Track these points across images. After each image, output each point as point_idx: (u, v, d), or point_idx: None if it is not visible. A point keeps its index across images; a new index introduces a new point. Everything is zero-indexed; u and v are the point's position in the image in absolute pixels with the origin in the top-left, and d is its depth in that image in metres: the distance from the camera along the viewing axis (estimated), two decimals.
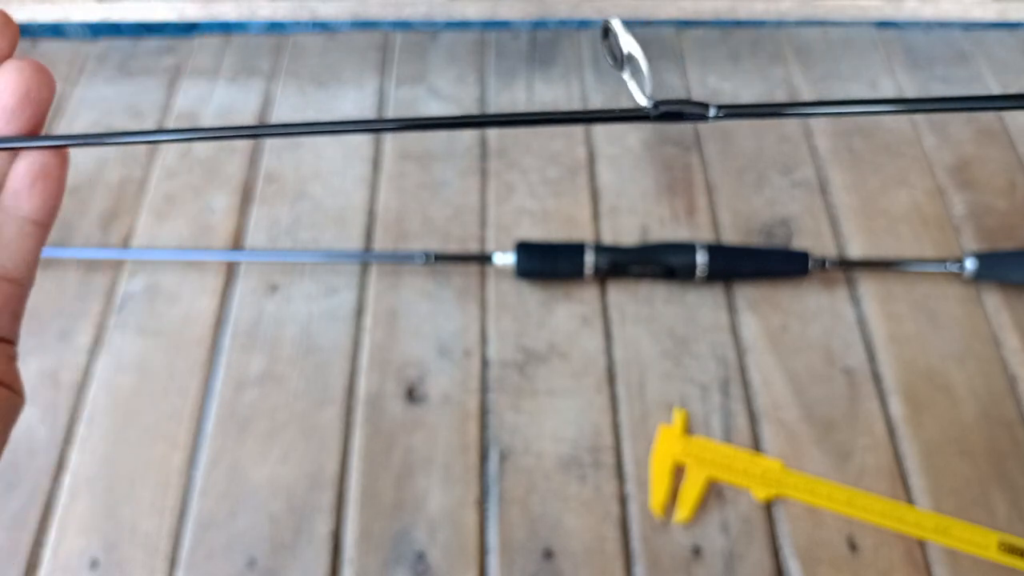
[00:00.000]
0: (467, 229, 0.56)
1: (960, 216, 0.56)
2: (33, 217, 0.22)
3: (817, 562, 0.43)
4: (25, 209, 0.22)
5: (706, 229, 0.56)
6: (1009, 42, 0.68)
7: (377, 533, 0.44)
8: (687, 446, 0.46)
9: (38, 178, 0.22)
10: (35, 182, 0.22)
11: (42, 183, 0.22)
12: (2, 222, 0.22)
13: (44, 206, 0.22)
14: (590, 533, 0.44)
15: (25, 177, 0.22)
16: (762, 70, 0.66)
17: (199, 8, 0.63)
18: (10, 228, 0.22)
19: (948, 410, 0.48)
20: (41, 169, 0.22)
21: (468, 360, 0.50)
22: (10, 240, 0.22)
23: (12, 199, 0.22)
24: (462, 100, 0.64)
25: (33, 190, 0.22)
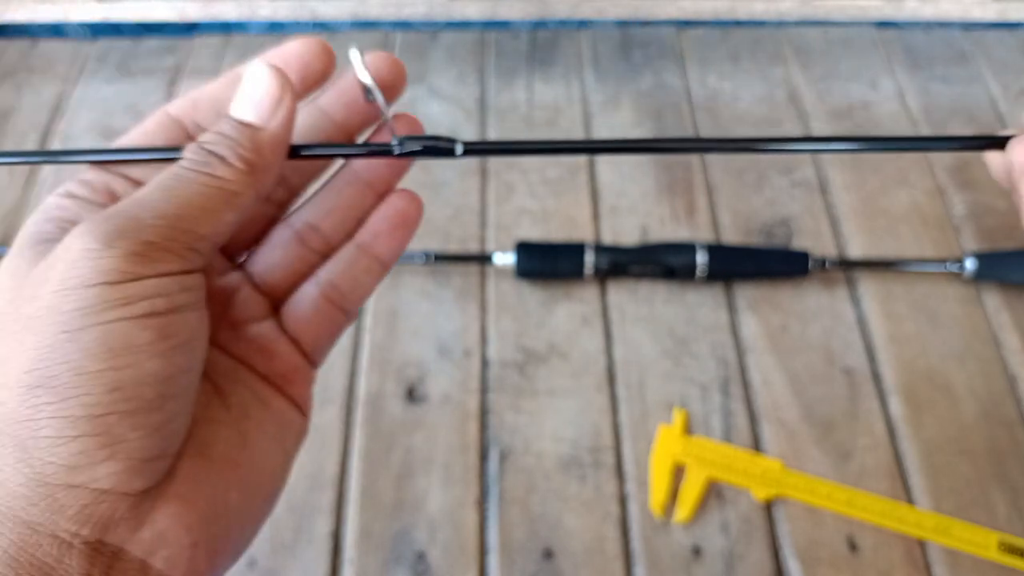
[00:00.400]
0: (467, 229, 0.56)
1: (960, 216, 0.56)
2: (383, 258, 0.23)
3: (817, 562, 0.43)
4: (378, 250, 0.23)
5: (706, 229, 0.56)
6: (1009, 42, 0.68)
7: (377, 533, 0.44)
8: (687, 446, 0.46)
9: (399, 226, 0.23)
10: (396, 229, 0.23)
11: (401, 231, 0.23)
12: (356, 256, 0.23)
13: (394, 250, 0.23)
14: (590, 533, 0.44)
15: (388, 221, 0.23)
16: (762, 70, 0.66)
17: (199, 8, 0.63)
18: (362, 263, 0.23)
19: (948, 410, 0.48)
20: (403, 218, 0.23)
21: (468, 360, 0.50)
22: (359, 273, 0.23)
23: (370, 238, 0.23)
24: (462, 100, 0.64)
25: (392, 235, 0.23)
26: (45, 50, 0.68)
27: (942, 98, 0.64)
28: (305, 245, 0.23)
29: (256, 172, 0.20)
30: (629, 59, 0.67)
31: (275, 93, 0.20)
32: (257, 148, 0.20)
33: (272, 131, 0.20)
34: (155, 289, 0.18)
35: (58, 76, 0.66)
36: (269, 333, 0.22)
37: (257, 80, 0.20)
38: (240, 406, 0.21)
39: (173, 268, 0.18)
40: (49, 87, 0.65)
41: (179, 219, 0.18)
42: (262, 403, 0.21)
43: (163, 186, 0.19)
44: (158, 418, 0.18)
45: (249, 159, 0.19)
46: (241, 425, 0.21)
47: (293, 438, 0.22)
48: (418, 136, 0.23)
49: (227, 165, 0.19)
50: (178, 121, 0.22)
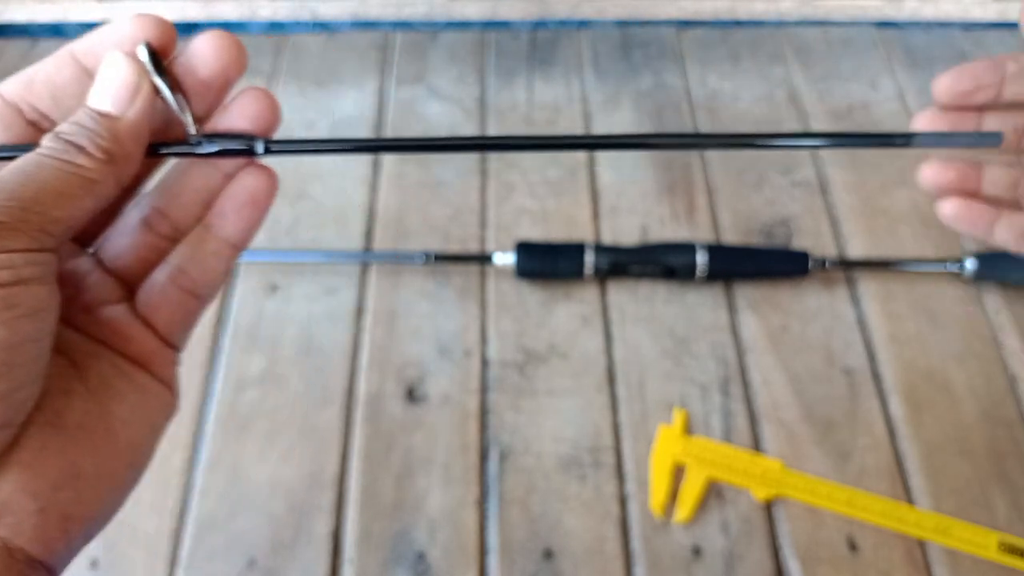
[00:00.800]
0: (467, 229, 0.56)
1: None
2: (232, 240, 0.23)
3: (817, 562, 0.43)
4: (227, 231, 0.23)
5: (706, 229, 0.56)
6: (1009, 42, 0.68)
7: (377, 533, 0.44)
8: (687, 446, 0.46)
9: (246, 205, 0.23)
10: (243, 208, 0.23)
11: (249, 210, 0.23)
12: (204, 239, 0.23)
13: (245, 231, 0.23)
14: (590, 533, 0.44)
15: (235, 200, 0.23)
16: (762, 70, 0.66)
17: (199, 8, 0.63)
18: (209, 246, 0.23)
19: (948, 410, 0.48)
20: (251, 196, 0.23)
21: (468, 360, 0.50)
22: (206, 257, 0.23)
23: (218, 219, 0.23)
24: (462, 100, 0.64)
25: (240, 215, 0.23)
26: (45, 50, 0.68)
27: None
28: (153, 231, 0.23)
29: (115, 161, 0.20)
30: (629, 59, 0.67)
31: (132, 83, 0.20)
32: (115, 137, 0.20)
33: (130, 120, 0.20)
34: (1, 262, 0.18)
35: None
36: (122, 317, 0.22)
37: (114, 70, 0.20)
38: (100, 379, 0.21)
39: (20, 246, 0.18)
40: None
41: (34, 202, 0.18)
42: (126, 377, 0.22)
43: (19, 170, 0.19)
44: (3, 386, 0.18)
45: (108, 148, 0.20)
46: (100, 396, 0.21)
47: (160, 413, 0.22)
48: (218, 134, 0.22)
49: (86, 154, 0.19)
50: (13, 105, 0.22)
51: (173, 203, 0.23)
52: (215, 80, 0.22)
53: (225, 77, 0.22)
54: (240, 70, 0.23)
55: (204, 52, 0.22)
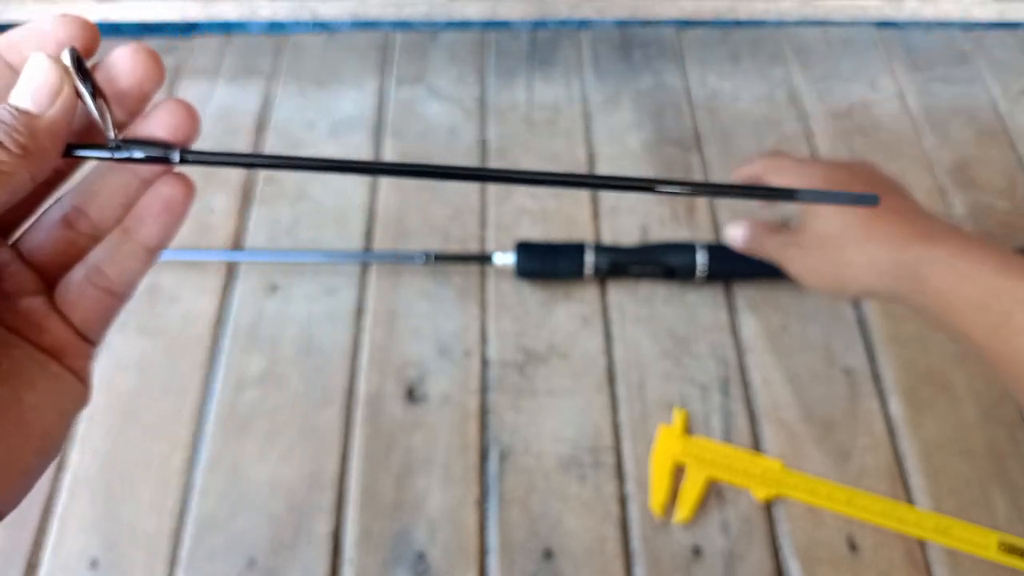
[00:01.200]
0: (467, 229, 0.56)
1: (960, 216, 0.56)
2: (148, 244, 0.24)
3: (817, 562, 0.43)
4: (143, 235, 0.23)
5: (706, 229, 0.56)
6: (1009, 42, 0.68)
7: (377, 533, 0.44)
8: (687, 446, 0.46)
9: (163, 211, 0.23)
10: (160, 213, 0.23)
11: (165, 216, 0.23)
12: (121, 241, 0.23)
13: (161, 236, 0.24)
14: (590, 533, 0.44)
15: (152, 206, 0.23)
16: (762, 70, 0.66)
17: (199, 8, 0.63)
18: (126, 248, 0.23)
19: (948, 410, 0.48)
20: (167, 203, 0.23)
21: (468, 360, 0.50)
22: (123, 258, 0.23)
23: (135, 223, 0.23)
24: (462, 100, 0.64)
25: (156, 220, 0.23)
26: None
27: (942, 98, 0.64)
28: (72, 228, 0.24)
29: (30, 156, 0.20)
30: (629, 59, 0.67)
31: (54, 83, 0.21)
32: (32, 134, 0.20)
33: (49, 119, 0.21)
34: None
35: None
36: (39, 308, 0.23)
37: (37, 70, 0.21)
38: (12, 365, 0.21)
39: None
40: None
41: None
42: (38, 365, 0.22)
43: None
44: None
45: (23, 143, 0.20)
46: (11, 382, 0.21)
47: (71, 402, 0.23)
48: (136, 140, 0.23)
49: (2, 148, 0.20)
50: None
51: (92, 203, 0.24)
52: (133, 91, 0.23)
53: (142, 89, 0.23)
54: (158, 83, 0.23)
55: (124, 64, 0.23)
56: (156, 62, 0.23)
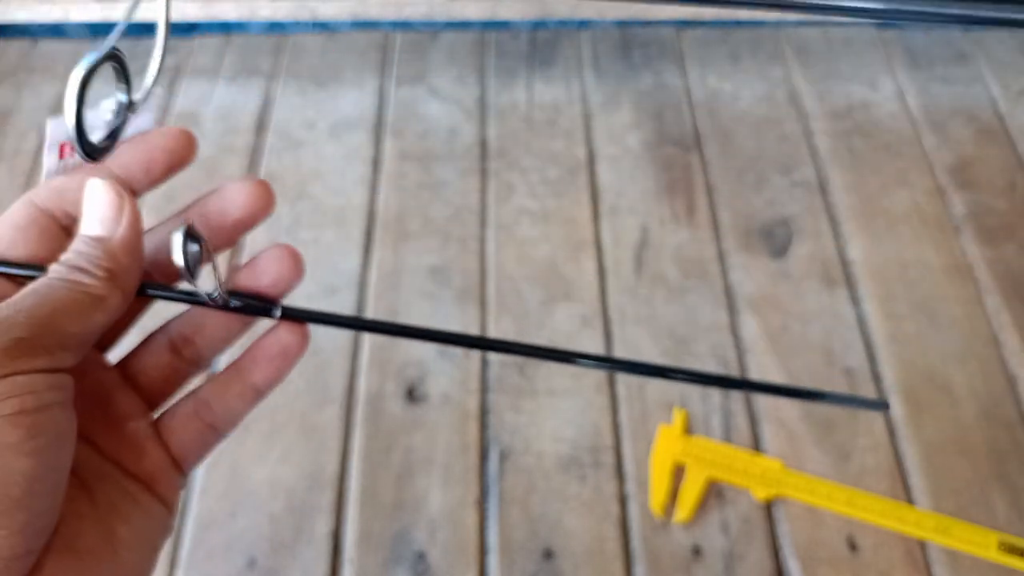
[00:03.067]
0: (467, 229, 0.56)
1: (960, 216, 0.56)
2: (258, 386, 0.24)
3: (817, 562, 0.43)
4: (255, 378, 0.24)
5: (706, 229, 0.56)
6: (1009, 42, 0.68)
7: (377, 533, 0.44)
8: (687, 446, 0.46)
9: (278, 356, 0.24)
10: (275, 358, 0.24)
11: (279, 362, 0.24)
12: (232, 380, 0.24)
13: (270, 380, 0.24)
14: (590, 533, 0.44)
15: (269, 349, 0.24)
16: (762, 70, 0.66)
17: (199, 8, 0.63)
18: (235, 387, 0.24)
19: (948, 410, 0.48)
20: (284, 349, 0.24)
21: (468, 360, 0.50)
22: (231, 398, 0.24)
23: (249, 364, 0.24)
24: (462, 100, 0.64)
25: (270, 364, 0.24)
26: (45, 50, 0.68)
27: (942, 98, 0.64)
28: (178, 355, 0.25)
29: (116, 276, 0.21)
30: (629, 59, 0.67)
31: (115, 204, 0.22)
32: (111, 256, 0.21)
33: (120, 238, 0.22)
34: (25, 386, 0.18)
35: (58, 76, 0.66)
36: (142, 432, 0.23)
37: (97, 197, 0.22)
38: (107, 502, 0.22)
39: (43, 365, 0.19)
40: (49, 87, 0.65)
41: (50, 319, 0.20)
42: (131, 499, 0.22)
43: (35, 292, 0.20)
44: (24, 517, 0.18)
45: (107, 267, 0.21)
46: (107, 520, 0.21)
47: (159, 533, 0.23)
48: (242, 293, 0.24)
49: (90, 275, 0.21)
50: (47, 211, 0.23)
51: (199, 333, 0.25)
52: (242, 223, 0.24)
53: (253, 220, 0.25)
54: (268, 213, 0.25)
55: (237, 196, 0.24)
56: (268, 194, 0.24)
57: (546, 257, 0.54)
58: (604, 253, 0.55)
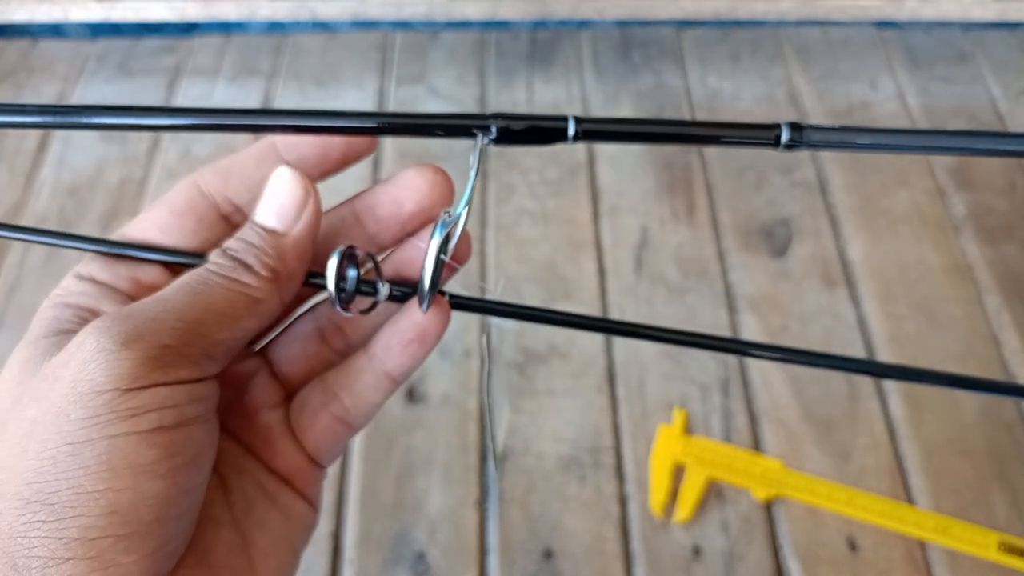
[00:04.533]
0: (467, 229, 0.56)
1: (960, 216, 0.56)
2: (393, 374, 0.22)
3: (817, 562, 0.43)
4: (389, 365, 0.22)
5: (706, 229, 0.56)
6: (1009, 42, 0.68)
7: (377, 533, 0.44)
8: (687, 446, 0.46)
9: (414, 341, 0.22)
10: (410, 344, 0.22)
11: (416, 347, 0.22)
12: (364, 369, 0.22)
13: (406, 367, 0.22)
14: (590, 533, 0.44)
15: (403, 335, 0.22)
16: (762, 70, 0.66)
17: (199, 8, 0.63)
18: (369, 377, 0.22)
19: (948, 410, 0.48)
20: (420, 334, 0.22)
21: (468, 360, 0.50)
22: (364, 388, 0.22)
23: (382, 351, 0.22)
24: (462, 100, 0.64)
25: (405, 350, 0.22)
26: (45, 50, 0.68)
27: (942, 98, 0.64)
28: (327, 343, 0.23)
29: (280, 280, 0.19)
30: (629, 59, 0.67)
31: (299, 198, 0.20)
32: (281, 256, 0.19)
33: (295, 237, 0.20)
34: (166, 399, 0.17)
35: (58, 76, 0.66)
36: (277, 426, 0.22)
37: (281, 185, 0.20)
38: (244, 502, 0.20)
39: (186, 375, 0.17)
40: (49, 87, 0.65)
41: (200, 323, 0.18)
42: (268, 497, 0.21)
43: (187, 288, 0.18)
44: (155, 542, 0.17)
45: (273, 267, 0.19)
46: (243, 525, 0.20)
47: (301, 532, 0.22)
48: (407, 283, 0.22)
49: (252, 273, 0.19)
50: (209, 197, 0.21)
51: (350, 321, 0.23)
52: (417, 217, 0.22)
53: (431, 214, 0.22)
54: (448, 203, 0.22)
55: (414, 183, 0.22)
56: (447, 183, 0.22)
57: (546, 257, 0.54)
58: (604, 253, 0.55)
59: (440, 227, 0.20)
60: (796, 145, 0.20)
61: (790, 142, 0.20)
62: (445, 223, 0.20)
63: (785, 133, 0.19)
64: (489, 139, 0.20)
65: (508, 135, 0.20)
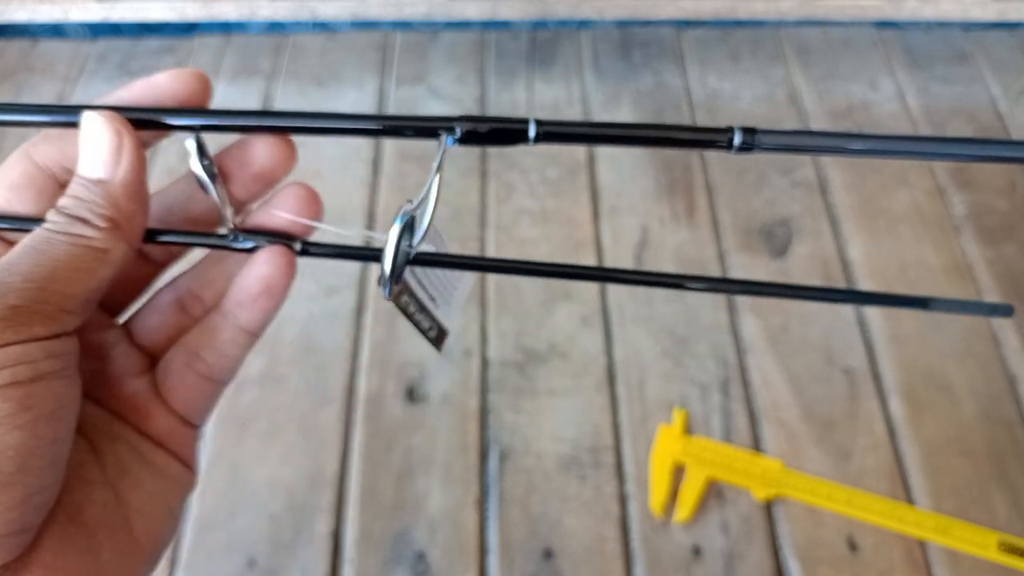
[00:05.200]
0: (467, 229, 0.56)
1: (960, 216, 0.56)
2: (248, 328, 0.23)
3: (817, 562, 0.43)
4: (243, 319, 0.22)
5: (706, 229, 0.56)
6: (1009, 42, 0.68)
7: (377, 533, 0.44)
8: (687, 446, 0.46)
9: (262, 294, 0.22)
10: (259, 297, 0.22)
11: (264, 299, 0.22)
12: (220, 327, 0.22)
13: (259, 320, 0.23)
14: (590, 533, 0.44)
15: (251, 289, 0.22)
16: (762, 70, 0.66)
17: (199, 8, 0.63)
18: (225, 334, 0.22)
19: (948, 410, 0.48)
20: (266, 287, 0.22)
21: (468, 360, 0.50)
22: (222, 344, 0.22)
23: (235, 308, 0.22)
24: (462, 100, 0.64)
25: (255, 304, 0.22)
26: (45, 50, 0.68)
27: (942, 98, 0.64)
28: (186, 312, 0.23)
29: (120, 225, 0.20)
30: (629, 59, 0.67)
31: (114, 142, 0.20)
32: (113, 203, 0.20)
33: (121, 180, 0.20)
34: (19, 356, 0.17)
35: (58, 76, 0.66)
36: (143, 392, 0.22)
37: (93, 135, 0.20)
38: (116, 464, 0.20)
39: (41, 332, 0.18)
40: (49, 87, 0.65)
41: (50, 280, 0.18)
42: (141, 459, 0.21)
43: (30, 250, 0.19)
44: (18, 493, 0.17)
45: (109, 216, 0.19)
46: (117, 485, 0.20)
47: (177, 492, 0.22)
48: (255, 230, 0.22)
49: (90, 226, 0.19)
50: (46, 169, 0.21)
51: (208, 287, 0.23)
52: (264, 176, 0.23)
53: (273, 175, 0.23)
54: (289, 171, 0.23)
55: (259, 149, 0.22)
56: (291, 150, 0.23)
57: (546, 257, 0.54)
58: (604, 253, 0.55)
59: (400, 217, 0.21)
60: (749, 148, 0.21)
61: (743, 144, 0.21)
62: (405, 212, 0.21)
63: (738, 137, 0.20)
64: (454, 139, 0.22)
65: (473, 136, 0.21)
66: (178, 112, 0.21)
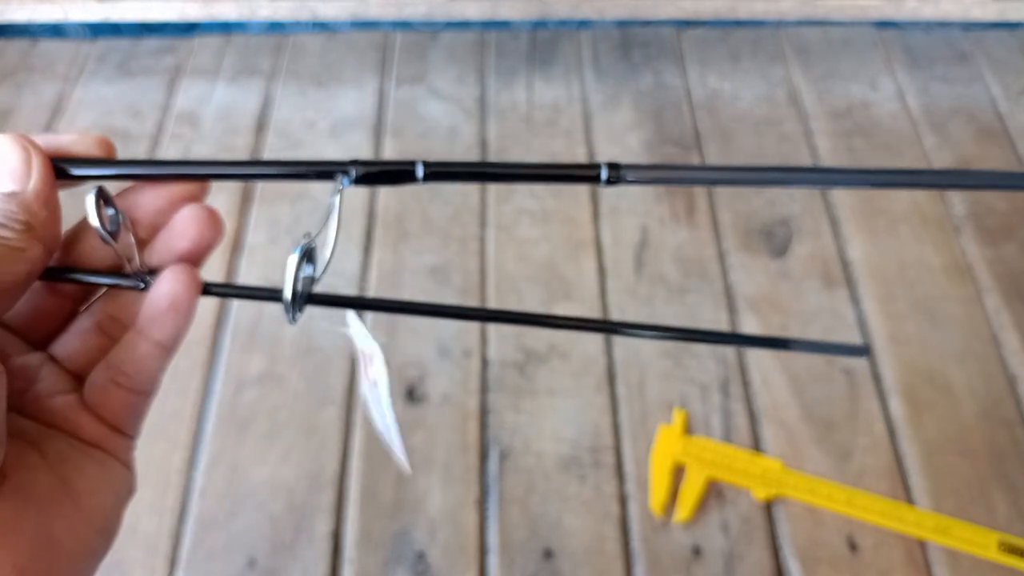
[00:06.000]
0: (467, 229, 0.56)
1: (960, 216, 0.56)
2: (163, 343, 0.24)
3: (817, 562, 0.43)
4: (157, 335, 0.24)
5: (706, 229, 0.56)
6: (1009, 42, 0.68)
7: (377, 533, 0.44)
8: (687, 446, 0.46)
9: (170, 310, 0.24)
10: (167, 312, 0.24)
11: (172, 315, 0.24)
12: (137, 343, 0.24)
13: (171, 334, 0.24)
14: (590, 533, 0.44)
15: (158, 305, 0.24)
16: (762, 70, 0.66)
17: (199, 8, 0.63)
18: (142, 348, 0.24)
19: (948, 410, 0.48)
20: (173, 303, 0.24)
21: (468, 360, 0.50)
22: (140, 358, 0.24)
23: (147, 324, 0.24)
24: (462, 100, 0.64)
25: (164, 320, 0.24)
26: (45, 50, 0.68)
27: (942, 98, 0.64)
28: (106, 334, 0.25)
29: (34, 228, 0.22)
30: (629, 59, 0.67)
31: (23, 158, 0.22)
32: (27, 208, 0.22)
33: (33, 189, 0.22)
34: None
35: (58, 76, 0.66)
36: (72, 406, 0.23)
37: (2, 153, 0.22)
38: (57, 454, 0.22)
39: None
40: (49, 87, 0.65)
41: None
42: (82, 452, 0.23)
43: None
44: None
45: (23, 219, 0.22)
46: (59, 469, 0.22)
47: (122, 486, 0.24)
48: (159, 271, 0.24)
49: (6, 228, 0.21)
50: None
51: (124, 311, 0.25)
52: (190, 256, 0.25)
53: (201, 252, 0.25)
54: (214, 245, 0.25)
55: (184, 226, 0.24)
56: (216, 223, 0.24)
57: (546, 257, 0.54)
58: (604, 253, 0.55)
59: (298, 248, 0.23)
60: (615, 181, 0.23)
61: (609, 178, 0.23)
62: (303, 244, 0.23)
63: (604, 172, 0.22)
64: (350, 180, 0.24)
65: (366, 178, 0.24)
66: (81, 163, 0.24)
